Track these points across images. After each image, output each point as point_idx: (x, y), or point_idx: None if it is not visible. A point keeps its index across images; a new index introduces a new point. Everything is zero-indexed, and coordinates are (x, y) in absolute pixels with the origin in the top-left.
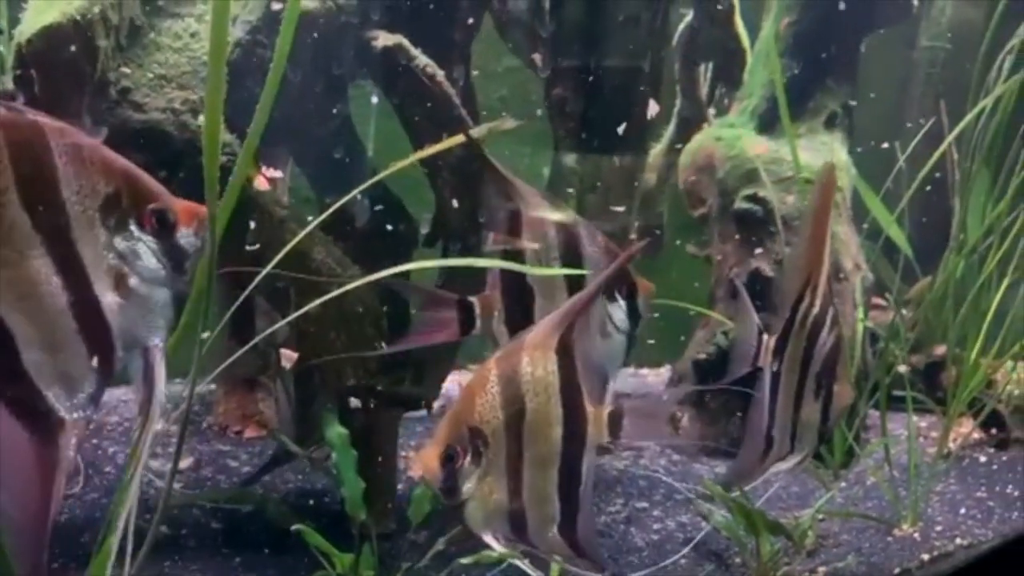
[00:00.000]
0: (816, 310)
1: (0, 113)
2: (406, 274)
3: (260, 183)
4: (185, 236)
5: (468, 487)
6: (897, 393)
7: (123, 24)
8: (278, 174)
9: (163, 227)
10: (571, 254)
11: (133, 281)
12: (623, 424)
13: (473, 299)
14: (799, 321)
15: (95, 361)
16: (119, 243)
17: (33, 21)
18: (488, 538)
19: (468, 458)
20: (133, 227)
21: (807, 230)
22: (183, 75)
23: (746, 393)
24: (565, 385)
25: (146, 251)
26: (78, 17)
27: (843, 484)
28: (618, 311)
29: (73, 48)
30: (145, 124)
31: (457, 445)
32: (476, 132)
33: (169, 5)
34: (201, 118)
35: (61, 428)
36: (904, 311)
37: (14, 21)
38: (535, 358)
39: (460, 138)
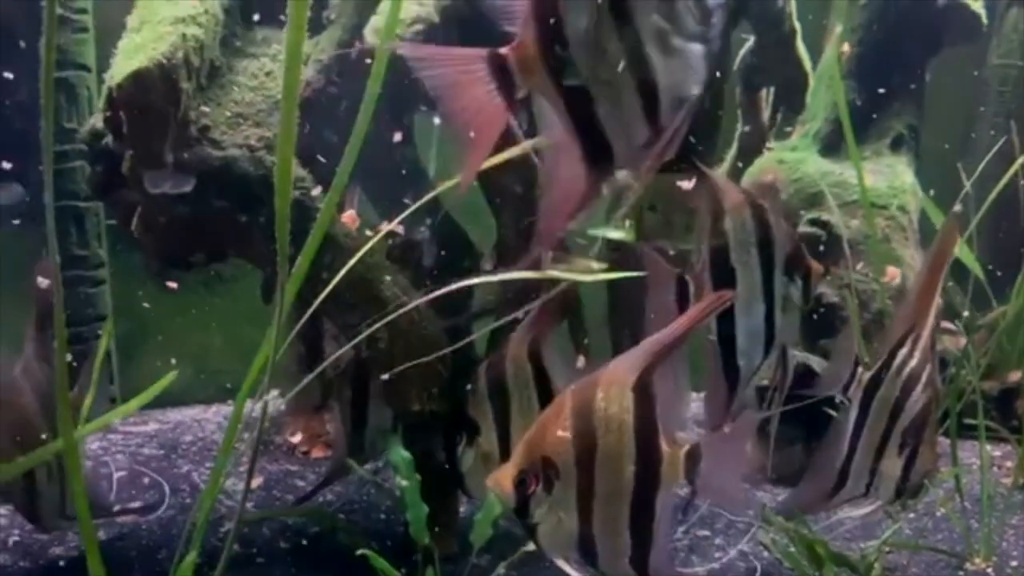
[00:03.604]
0: (915, 362)
1: None
2: (469, 296)
3: (347, 219)
4: None
5: (540, 512)
6: (968, 421)
7: (204, 66)
8: (400, 229)
9: None
10: (765, 236)
11: (675, 40)
12: (701, 467)
13: (688, 278)
14: (896, 367)
15: (646, 116)
16: (663, 5)
17: (123, 66)
18: (559, 562)
19: (539, 486)
20: None
21: (921, 279)
22: (259, 112)
23: (811, 422)
24: (640, 424)
25: (684, 10)
26: (164, 61)
27: (911, 515)
28: (795, 290)
29: (158, 91)
30: (223, 160)
31: (530, 472)
32: (519, 149)
33: (246, 46)
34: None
35: (607, 174)
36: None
37: (101, 58)
38: (610, 395)
39: (514, 151)
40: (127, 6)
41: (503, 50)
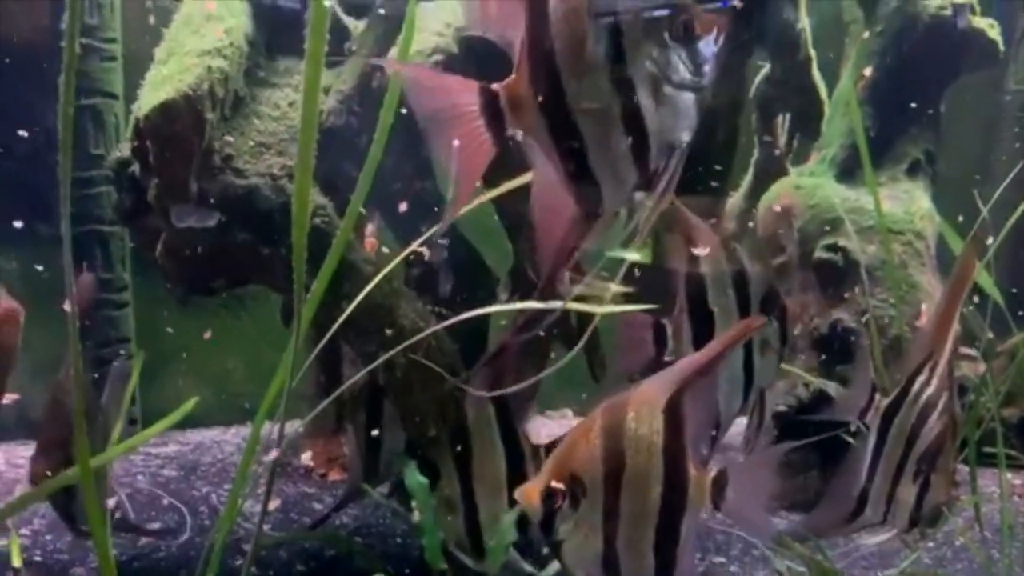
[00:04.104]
0: (932, 390)
1: None
2: (485, 323)
3: (368, 246)
4: (705, 44)
5: (565, 528)
6: (988, 449)
7: (228, 96)
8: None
9: (688, 36)
10: (741, 278)
11: (667, 88)
12: (727, 492)
13: (666, 321)
14: (914, 393)
15: (635, 161)
16: (656, 53)
17: (150, 97)
18: None
19: (566, 502)
20: (667, 37)
21: (939, 306)
22: (281, 142)
23: (829, 448)
24: (669, 446)
25: (676, 60)
26: (190, 92)
27: (930, 544)
28: (772, 332)
29: (184, 121)
30: (246, 188)
31: (557, 487)
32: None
33: (270, 76)
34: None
35: (596, 215)
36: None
37: (129, 86)
38: (641, 415)
39: (525, 179)
40: (156, 39)
41: (496, 86)
